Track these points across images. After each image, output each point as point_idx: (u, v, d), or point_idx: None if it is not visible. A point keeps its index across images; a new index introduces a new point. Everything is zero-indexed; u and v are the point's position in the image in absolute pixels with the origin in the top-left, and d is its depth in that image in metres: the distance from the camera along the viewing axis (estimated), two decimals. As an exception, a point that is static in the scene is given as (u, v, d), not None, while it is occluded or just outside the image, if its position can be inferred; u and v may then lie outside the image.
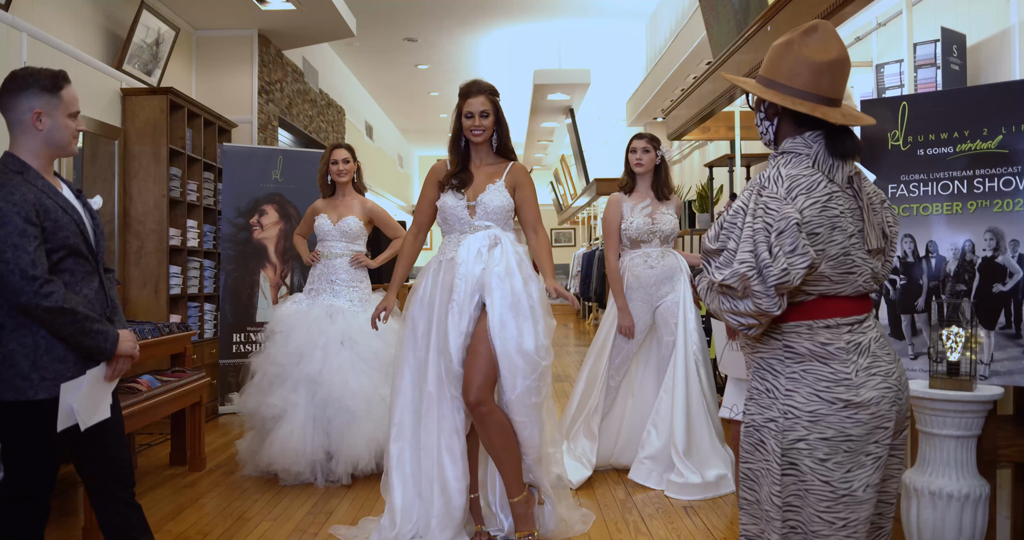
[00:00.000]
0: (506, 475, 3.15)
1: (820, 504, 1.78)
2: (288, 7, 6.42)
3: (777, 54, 1.90)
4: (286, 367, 4.18)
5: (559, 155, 16.98)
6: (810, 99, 1.84)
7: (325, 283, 4.41)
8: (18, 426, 2.28)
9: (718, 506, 3.73)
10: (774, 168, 1.85)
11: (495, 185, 3.23)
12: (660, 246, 4.16)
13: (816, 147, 1.85)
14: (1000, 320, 2.76)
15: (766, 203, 1.77)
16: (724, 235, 1.81)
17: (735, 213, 1.81)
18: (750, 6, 4.40)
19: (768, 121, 1.95)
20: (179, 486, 4.12)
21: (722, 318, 1.84)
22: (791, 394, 1.81)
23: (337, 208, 4.49)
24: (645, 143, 4.18)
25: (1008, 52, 3.08)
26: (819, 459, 1.78)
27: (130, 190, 5.56)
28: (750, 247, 1.74)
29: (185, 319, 5.73)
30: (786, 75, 1.86)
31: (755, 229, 1.75)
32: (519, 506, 3.17)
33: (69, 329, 2.24)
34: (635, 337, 4.15)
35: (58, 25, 4.90)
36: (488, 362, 3.08)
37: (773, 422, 1.83)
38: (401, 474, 3.19)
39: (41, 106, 2.28)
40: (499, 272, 3.10)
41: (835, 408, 1.78)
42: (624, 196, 4.23)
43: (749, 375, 1.97)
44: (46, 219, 2.24)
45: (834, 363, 1.80)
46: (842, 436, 1.78)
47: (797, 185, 1.79)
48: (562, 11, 9.02)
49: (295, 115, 8.11)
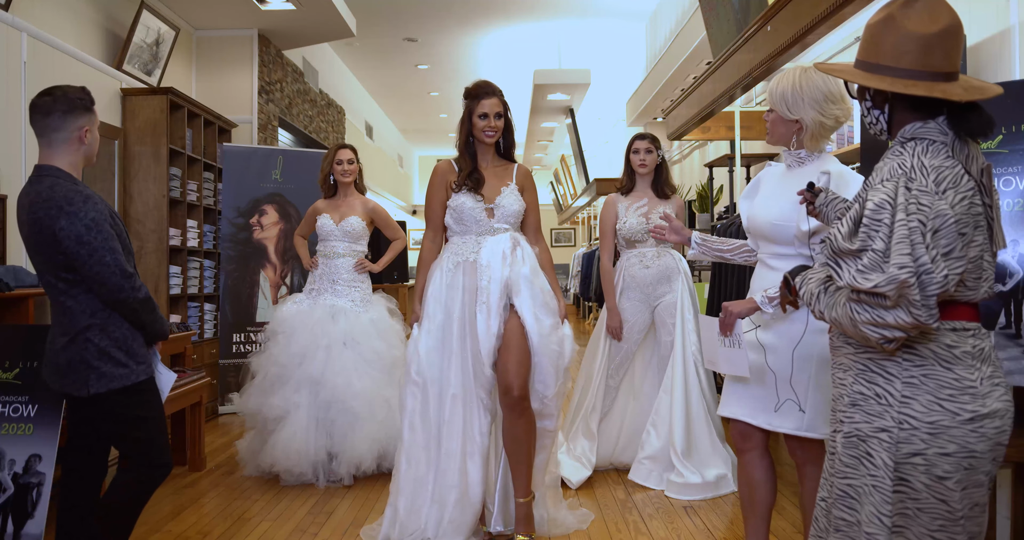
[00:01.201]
0: (524, 474, 3.16)
1: (934, 523, 1.60)
2: (288, 7, 6.42)
3: (876, 33, 1.69)
4: (288, 368, 4.17)
5: (559, 155, 16.99)
6: (923, 78, 1.63)
7: (327, 283, 4.40)
8: (133, 407, 2.53)
9: (718, 506, 3.73)
10: (912, 156, 1.62)
11: (509, 188, 3.23)
12: (656, 246, 4.15)
13: (951, 134, 1.64)
14: (1000, 320, 2.76)
15: (918, 198, 1.54)
16: (865, 233, 1.56)
17: (878, 207, 1.56)
18: (750, 6, 4.40)
19: (878, 109, 1.74)
20: (179, 486, 4.12)
21: (850, 330, 1.62)
22: (908, 401, 1.61)
23: (339, 208, 4.49)
24: (648, 144, 4.18)
25: (1008, 52, 3.08)
26: (937, 477, 1.58)
27: (130, 190, 5.56)
28: (907, 249, 1.51)
29: (185, 319, 5.73)
30: (891, 55, 1.65)
31: (911, 228, 1.52)
32: (525, 507, 3.17)
33: (150, 316, 2.54)
34: (632, 337, 4.15)
35: (58, 25, 4.90)
36: (526, 357, 3.10)
37: (886, 432, 1.62)
38: (411, 476, 3.15)
39: (87, 123, 2.52)
40: (526, 273, 3.11)
41: (959, 420, 1.58)
42: (620, 196, 4.23)
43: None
44: (115, 223, 2.51)
45: (958, 368, 1.61)
46: (965, 452, 1.58)
47: (944, 178, 1.58)
48: (562, 11, 9.02)
49: (295, 115, 8.11)
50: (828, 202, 2.17)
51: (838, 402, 1.75)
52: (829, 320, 1.67)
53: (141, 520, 3.55)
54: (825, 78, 2.40)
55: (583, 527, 3.41)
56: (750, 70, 4.13)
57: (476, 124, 3.21)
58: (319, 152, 6.46)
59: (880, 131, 1.77)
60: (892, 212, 1.54)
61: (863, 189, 1.70)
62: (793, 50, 3.67)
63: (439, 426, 3.15)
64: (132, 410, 2.53)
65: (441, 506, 3.10)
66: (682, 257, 4.24)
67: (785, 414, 2.44)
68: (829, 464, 1.77)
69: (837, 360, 1.79)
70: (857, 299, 1.58)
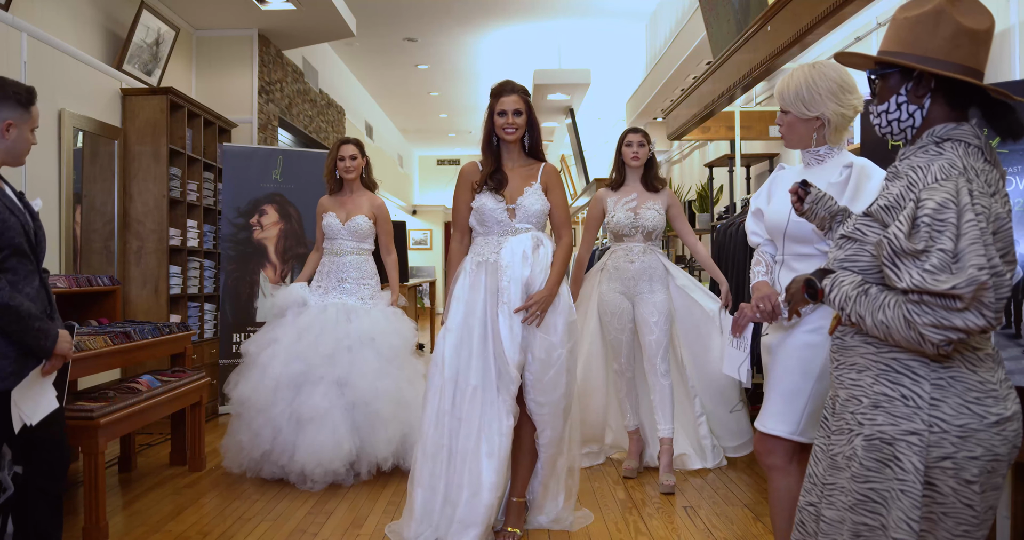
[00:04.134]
0: (523, 476, 3.26)
1: (958, 528, 1.59)
2: (288, 7, 6.42)
3: (927, 25, 1.63)
4: (317, 367, 4.11)
5: (559, 155, 16.98)
6: (971, 75, 1.61)
7: (334, 281, 4.38)
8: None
9: (718, 506, 3.73)
10: (958, 157, 1.59)
11: (532, 188, 3.23)
12: (644, 242, 4.17)
13: (984, 138, 1.62)
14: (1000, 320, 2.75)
15: (980, 199, 1.51)
16: (929, 232, 1.50)
17: (941, 206, 1.51)
18: (750, 6, 4.40)
19: (914, 104, 1.68)
20: (179, 486, 4.12)
21: (900, 333, 1.56)
22: (938, 404, 1.58)
23: (345, 205, 4.45)
24: (641, 137, 4.20)
25: (1008, 52, 3.08)
26: (965, 480, 1.57)
27: (130, 190, 5.56)
28: (982, 250, 1.47)
29: (185, 319, 5.73)
30: (944, 49, 1.61)
31: (981, 228, 1.48)
32: (517, 506, 3.26)
33: (13, 326, 2.30)
34: (615, 325, 4.17)
35: (58, 25, 4.90)
36: None
37: (916, 435, 1.58)
38: (428, 474, 3.15)
39: (13, 118, 2.38)
40: (544, 275, 3.13)
41: (985, 423, 1.57)
42: (609, 191, 4.26)
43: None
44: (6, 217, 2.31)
45: (982, 371, 1.60)
46: (990, 455, 1.57)
47: (991, 181, 1.57)
48: (562, 11, 9.01)
49: (295, 115, 8.11)
50: (818, 200, 2.13)
51: (851, 404, 1.71)
52: (871, 324, 1.62)
53: (141, 520, 3.56)
54: (837, 69, 2.38)
55: (583, 526, 3.42)
56: (750, 70, 4.13)
57: (496, 122, 3.22)
58: (319, 152, 6.46)
59: (910, 130, 1.72)
60: (957, 211, 1.50)
61: (903, 187, 1.64)
62: (793, 50, 3.67)
63: (456, 425, 3.14)
64: None
65: (453, 506, 3.10)
66: (667, 258, 4.27)
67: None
68: (824, 469, 1.74)
69: (847, 360, 1.75)
70: (919, 300, 1.53)
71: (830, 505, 1.73)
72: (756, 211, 2.62)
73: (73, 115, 4.90)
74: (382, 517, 3.59)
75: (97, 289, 4.31)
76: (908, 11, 1.69)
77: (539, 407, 3.15)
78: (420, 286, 12.42)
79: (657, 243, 4.22)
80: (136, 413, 3.65)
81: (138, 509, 3.74)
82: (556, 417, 3.18)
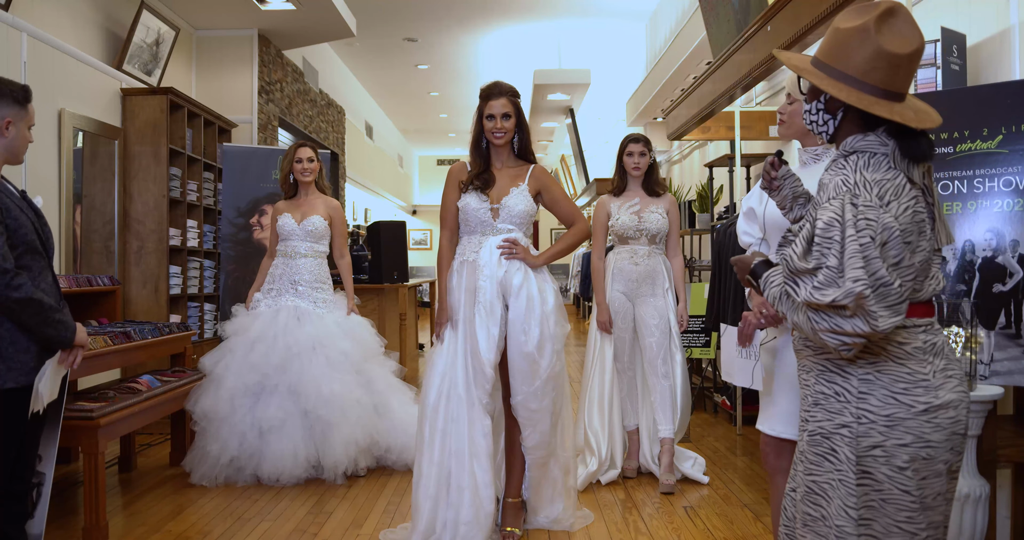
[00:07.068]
0: (515, 476, 3.27)
1: (899, 514, 1.66)
2: (288, 7, 6.42)
3: (849, 42, 1.68)
4: (271, 377, 4.12)
5: (559, 155, 16.99)
6: (884, 97, 1.67)
7: (287, 284, 4.34)
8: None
9: (718, 506, 3.73)
10: (854, 171, 1.68)
11: (519, 189, 3.22)
12: (648, 245, 4.18)
13: (891, 145, 1.69)
14: (1000, 320, 2.76)
15: (864, 213, 1.60)
16: (819, 251, 1.61)
17: (828, 226, 1.61)
18: (750, 6, 4.40)
19: (829, 114, 1.77)
20: (179, 486, 4.11)
21: (810, 335, 1.66)
22: (865, 397, 1.67)
23: (300, 207, 4.43)
24: (642, 147, 4.20)
25: (1008, 52, 3.08)
26: (897, 467, 1.65)
27: (130, 190, 5.56)
28: (861, 263, 1.56)
29: (185, 319, 5.73)
30: (861, 69, 1.66)
31: (862, 244, 1.57)
32: (513, 506, 3.27)
33: (35, 319, 2.36)
34: (621, 325, 4.18)
35: (58, 25, 4.90)
36: None
37: (846, 427, 1.68)
38: (430, 479, 3.13)
39: (12, 116, 2.42)
40: (520, 275, 3.11)
41: (913, 412, 1.65)
42: (612, 197, 4.27)
43: (801, 382, 1.84)
44: (8, 217, 2.35)
45: (911, 363, 1.67)
46: (921, 442, 1.64)
47: (886, 191, 1.64)
48: (562, 11, 9.01)
49: (295, 115, 8.11)
50: (788, 176, 2.16)
51: (803, 402, 1.81)
52: (791, 323, 1.71)
53: (141, 520, 3.56)
54: None
55: (583, 527, 3.42)
56: (750, 70, 4.13)
57: (485, 126, 3.21)
58: (319, 153, 6.45)
59: (823, 134, 1.80)
60: (842, 229, 1.59)
61: (812, 207, 1.74)
62: (793, 50, 3.66)
63: (446, 426, 3.14)
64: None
65: (456, 509, 3.09)
66: (673, 268, 4.25)
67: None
68: (797, 460, 1.82)
69: (801, 362, 1.85)
70: (814, 309, 1.62)
71: (793, 499, 1.83)
72: (748, 211, 2.60)
73: (73, 115, 4.90)
74: (382, 517, 3.59)
75: (97, 289, 4.31)
76: (842, 22, 1.72)
77: (520, 408, 3.15)
78: (420, 286, 12.42)
79: (661, 246, 4.24)
80: (136, 413, 3.65)
81: (138, 509, 3.74)
82: (541, 420, 3.16)
